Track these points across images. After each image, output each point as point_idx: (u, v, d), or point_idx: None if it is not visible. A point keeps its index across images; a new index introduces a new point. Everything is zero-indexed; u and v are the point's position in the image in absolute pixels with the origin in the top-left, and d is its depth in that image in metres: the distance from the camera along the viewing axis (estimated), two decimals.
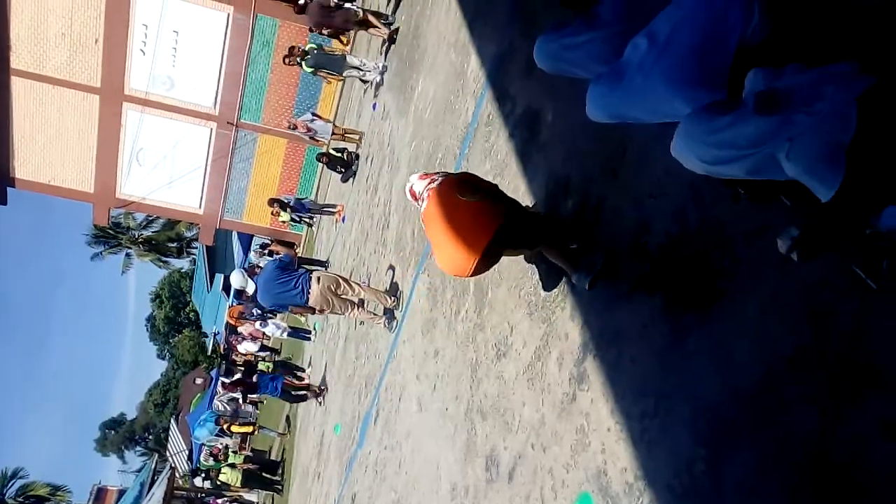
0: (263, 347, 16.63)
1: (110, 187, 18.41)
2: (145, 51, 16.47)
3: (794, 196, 2.08)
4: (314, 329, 14.70)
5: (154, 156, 18.11)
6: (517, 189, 4.61)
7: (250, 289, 8.55)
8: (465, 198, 3.46)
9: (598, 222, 3.47)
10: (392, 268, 7.74)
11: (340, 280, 7.36)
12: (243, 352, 16.56)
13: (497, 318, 4.36)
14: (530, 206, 4.27)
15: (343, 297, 7.33)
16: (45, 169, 18.00)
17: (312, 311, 7.34)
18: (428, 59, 8.44)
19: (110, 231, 35.50)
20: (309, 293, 7.07)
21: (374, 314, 7.63)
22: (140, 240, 38.50)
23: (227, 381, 12.54)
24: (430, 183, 3.99)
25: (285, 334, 15.34)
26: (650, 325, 2.84)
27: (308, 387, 11.82)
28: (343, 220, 13.67)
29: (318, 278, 7.21)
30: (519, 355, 3.91)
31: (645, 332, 2.85)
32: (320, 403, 11.00)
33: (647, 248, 2.98)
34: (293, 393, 11.82)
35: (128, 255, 39.22)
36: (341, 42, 13.83)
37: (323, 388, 11.03)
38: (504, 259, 4.42)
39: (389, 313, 7.33)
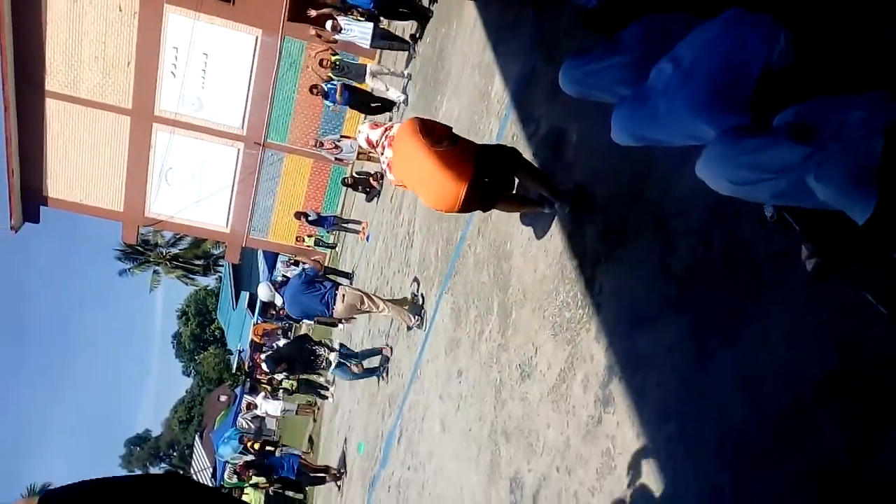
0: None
1: (139, 206, 18.76)
2: (175, 73, 16.83)
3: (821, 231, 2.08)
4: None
5: (182, 175, 18.44)
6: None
7: (278, 301, 8.78)
8: (440, 147, 3.79)
9: (624, 242, 3.46)
10: (416, 281, 7.77)
11: (364, 297, 7.48)
12: (267, 370, 16.66)
13: (521, 338, 4.35)
14: None
15: (367, 311, 7.57)
16: (76, 188, 18.41)
17: (335, 323, 7.67)
18: (452, 81, 8.52)
19: (139, 248, 36.10)
20: (334, 307, 7.39)
21: (404, 310, 7.57)
22: (167, 257, 39.07)
23: (241, 462, 12.02)
24: (385, 131, 4.46)
25: None
26: (676, 347, 2.82)
27: (326, 469, 11.15)
28: (367, 238, 13.76)
29: (343, 296, 7.35)
30: (543, 377, 3.90)
31: (671, 355, 2.83)
32: (339, 487, 10.45)
33: (673, 270, 2.97)
34: (310, 475, 11.22)
35: (155, 272, 39.80)
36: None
37: (342, 471, 10.43)
38: (528, 279, 4.44)
39: (418, 310, 7.40)
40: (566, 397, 3.58)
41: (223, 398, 42.89)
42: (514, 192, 4.42)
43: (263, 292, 9.30)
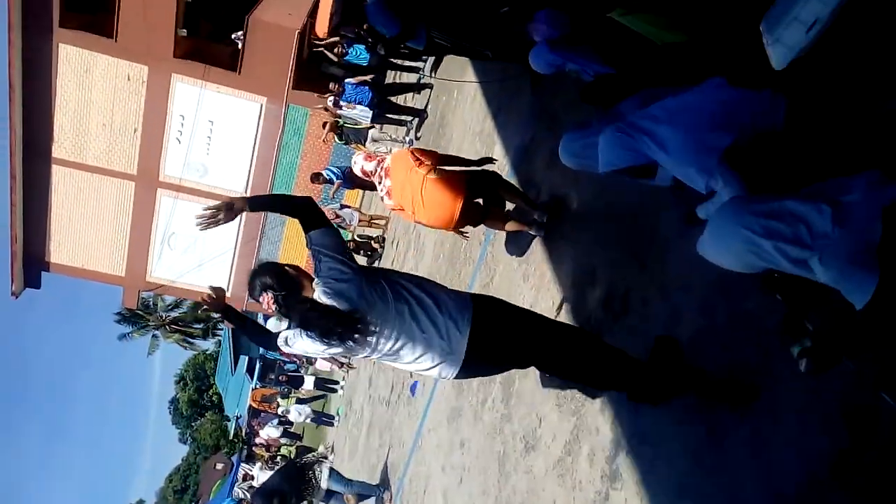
0: (286, 433, 16.44)
1: (141, 271, 18.78)
2: (181, 139, 17.13)
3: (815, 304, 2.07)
4: (338, 414, 14.53)
5: (185, 240, 18.52)
6: (543, 275, 4.61)
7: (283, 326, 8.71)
8: (435, 174, 4.38)
9: (627, 312, 3.44)
10: None
11: None
12: (265, 437, 16.35)
13: (525, 409, 4.27)
14: None
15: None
16: (79, 253, 18.47)
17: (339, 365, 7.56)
18: (454, 147, 8.65)
19: (139, 313, 35.94)
20: None
21: None
22: (167, 321, 38.87)
23: None
24: (379, 162, 5.17)
25: (308, 419, 15.17)
26: (685, 422, 2.76)
27: None
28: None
29: None
30: (548, 449, 3.81)
31: (680, 431, 2.77)
32: None
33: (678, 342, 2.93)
34: None
35: (154, 336, 39.53)
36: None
37: None
38: None
39: None
40: (572, 471, 3.48)
41: (219, 466, 41.93)
42: (503, 210, 4.94)
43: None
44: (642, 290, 3.33)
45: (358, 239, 14.29)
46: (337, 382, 15.25)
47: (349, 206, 14.29)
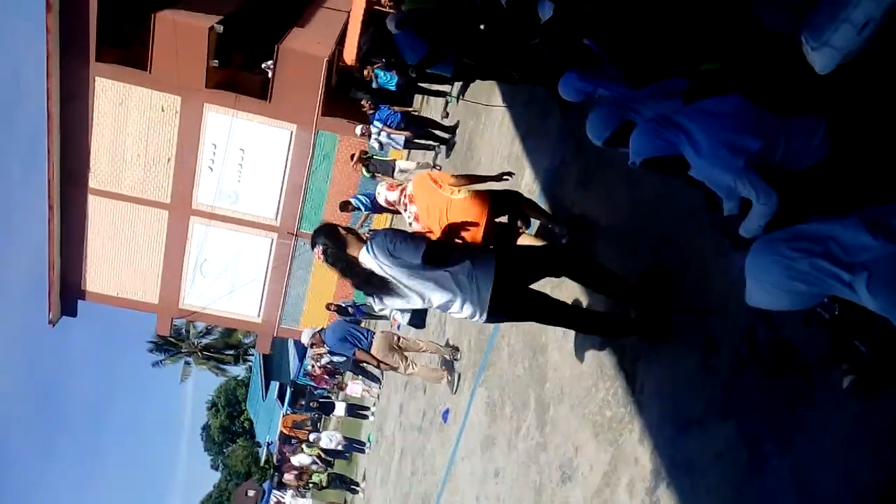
0: (319, 458, 16.41)
1: (174, 298, 19.04)
2: (213, 167, 17.42)
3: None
4: (368, 441, 14.47)
5: (217, 267, 18.76)
6: (576, 301, 4.55)
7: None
8: (458, 196, 4.62)
9: (664, 339, 3.36)
10: (451, 346, 7.79)
11: (395, 349, 7.81)
12: (296, 464, 16.34)
13: (560, 437, 4.20)
14: None
15: (404, 350, 7.85)
16: (114, 281, 18.81)
17: (376, 363, 7.93)
18: (482, 171, 8.65)
19: (171, 339, 36.41)
20: (372, 342, 7.91)
21: (437, 370, 7.76)
22: (199, 348, 39.30)
23: None
24: (402, 191, 5.49)
25: (339, 446, 15.13)
26: (726, 453, 2.68)
27: None
28: (398, 327, 13.70)
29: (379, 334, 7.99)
30: (586, 479, 3.72)
31: (720, 461, 2.69)
32: None
33: (717, 370, 2.86)
34: None
35: (186, 363, 39.98)
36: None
37: None
38: (565, 374, 4.33)
39: (451, 367, 7.45)
40: (611, 503, 3.40)
41: (251, 493, 41.93)
42: (524, 230, 5.18)
43: (306, 335, 9.32)
44: (678, 315, 3.26)
45: None
46: (368, 409, 15.21)
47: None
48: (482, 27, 6.52)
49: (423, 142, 12.11)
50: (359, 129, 12.04)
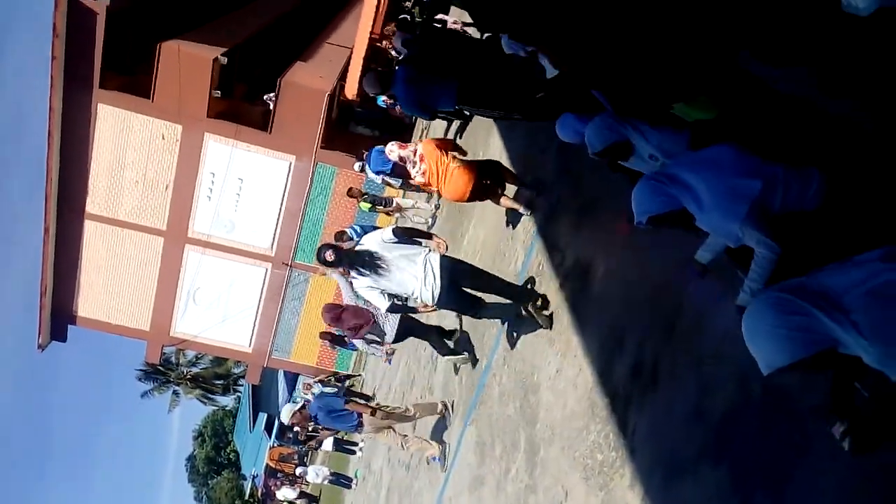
0: (302, 494, 16.13)
1: (165, 325, 18.88)
2: (211, 196, 17.45)
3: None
4: (355, 477, 14.25)
5: (210, 295, 18.66)
6: (569, 341, 4.54)
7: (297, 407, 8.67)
8: (456, 161, 6.17)
9: (656, 381, 3.34)
10: (446, 407, 7.47)
11: (385, 430, 7.41)
12: (281, 498, 16.06)
13: (550, 479, 4.14)
14: None
15: (392, 418, 7.67)
16: (105, 307, 18.66)
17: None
18: (478, 208, 8.69)
19: (160, 368, 36.03)
20: (360, 422, 7.69)
21: (426, 441, 7.52)
22: (188, 377, 38.88)
23: None
24: (413, 150, 6.93)
25: (326, 481, 14.89)
26: (717, 500, 2.64)
27: None
28: (390, 361, 13.60)
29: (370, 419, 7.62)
30: None
31: None
32: None
33: (709, 416, 2.84)
34: None
35: (175, 392, 39.48)
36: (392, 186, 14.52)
37: None
38: (557, 415, 4.29)
39: (441, 442, 7.22)
40: None
41: None
42: (503, 192, 6.43)
43: (286, 414, 9.05)
44: (672, 360, 3.25)
45: None
46: (356, 444, 15.01)
47: None
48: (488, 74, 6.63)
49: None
50: (357, 165, 12.18)
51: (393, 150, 7.94)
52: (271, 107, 16.25)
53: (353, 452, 15.01)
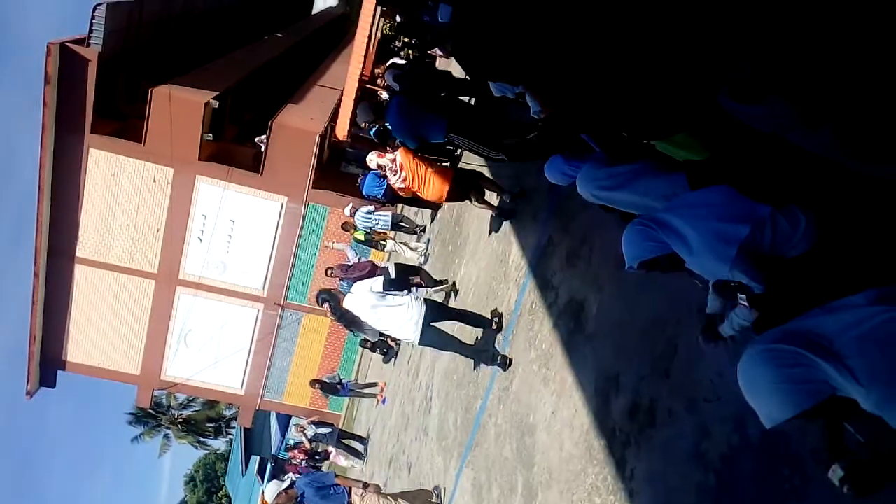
0: None
1: (156, 369, 18.68)
2: (202, 238, 17.43)
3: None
4: None
5: (201, 337, 18.51)
6: (564, 381, 4.51)
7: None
8: (434, 166, 7.07)
9: (654, 423, 3.32)
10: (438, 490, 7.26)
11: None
12: None
13: None
14: None
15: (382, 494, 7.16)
16: (95, 351, 18.46)
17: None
18: (470, 246, 8.71)
19: (151, 412, 35.50)
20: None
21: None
22: (179, 420, 38.30)
23: None
24: (391, 158, 7.65)
25: None
26: None
27: None
28: (384, 401, 13.45)
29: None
30: None
31: None
32: None
33: (708, 457, 2.81)
34: None
35: (166, 436, 38.83)
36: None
37: None
38: (553, 457, 4.23)
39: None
40: None
41: None
42: (482, 196, 7.09)
43: (271, 491, 8.64)
44: (668, 400, 3.23)
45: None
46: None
47: None
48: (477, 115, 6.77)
49: (407, 225, 12.41)
50: (347, 209, 12.32)
51: (372, 159, 8.59)
52: (263, 148, 16.35)
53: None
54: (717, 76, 2.74)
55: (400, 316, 6.20)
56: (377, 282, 6.39)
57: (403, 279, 8.83)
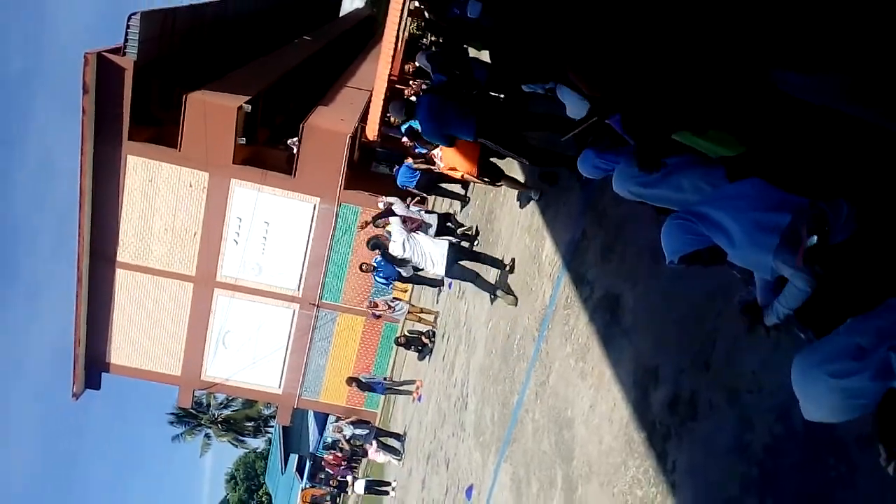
0: None
1: (196, 370, 19.06)
2: (238, 240, 17.72)
3: None
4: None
5: (239, 338, 18.83)
6: (602, 374, 4.51)
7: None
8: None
9: (695, 415, 3.31)
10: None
11: None
12: None
13: None
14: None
15: None
16: (137, 354, 18.92)
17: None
18: (502, 242, 8.72)
19: (192, 412, 36.19)
20: None
21: None
22: (219, 419, 38.97)
23: None
24: (434, 153, 8.81)
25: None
26: None
27: None
28: (420, 398, 13.55)
29: None
30: None
31: None
32: None
33: (752, 449, 2.80)
34: None
35: (206, 436, 39.55)
36: None
37: None
38: (593, 451, 4.24)
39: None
40: None
41: None
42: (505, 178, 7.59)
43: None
44: (709, 392, 3.22)
45: (408, 334, 14.30)
46: (389, 484, 14.89)
47: (400, 300, 14.40)
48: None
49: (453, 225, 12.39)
50: (381, 203, 12.26)
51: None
52: (295, 150, 16.55)
53: (386, 493, 14.89)
54: (769, 51, 2.65)
55: (434, 251, 8.25)
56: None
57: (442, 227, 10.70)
